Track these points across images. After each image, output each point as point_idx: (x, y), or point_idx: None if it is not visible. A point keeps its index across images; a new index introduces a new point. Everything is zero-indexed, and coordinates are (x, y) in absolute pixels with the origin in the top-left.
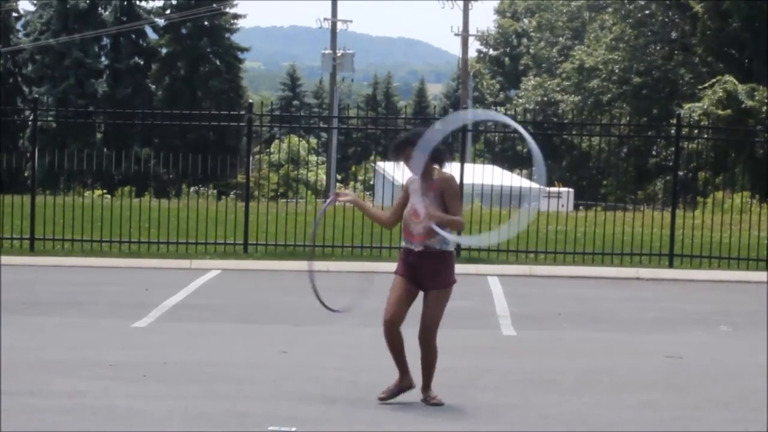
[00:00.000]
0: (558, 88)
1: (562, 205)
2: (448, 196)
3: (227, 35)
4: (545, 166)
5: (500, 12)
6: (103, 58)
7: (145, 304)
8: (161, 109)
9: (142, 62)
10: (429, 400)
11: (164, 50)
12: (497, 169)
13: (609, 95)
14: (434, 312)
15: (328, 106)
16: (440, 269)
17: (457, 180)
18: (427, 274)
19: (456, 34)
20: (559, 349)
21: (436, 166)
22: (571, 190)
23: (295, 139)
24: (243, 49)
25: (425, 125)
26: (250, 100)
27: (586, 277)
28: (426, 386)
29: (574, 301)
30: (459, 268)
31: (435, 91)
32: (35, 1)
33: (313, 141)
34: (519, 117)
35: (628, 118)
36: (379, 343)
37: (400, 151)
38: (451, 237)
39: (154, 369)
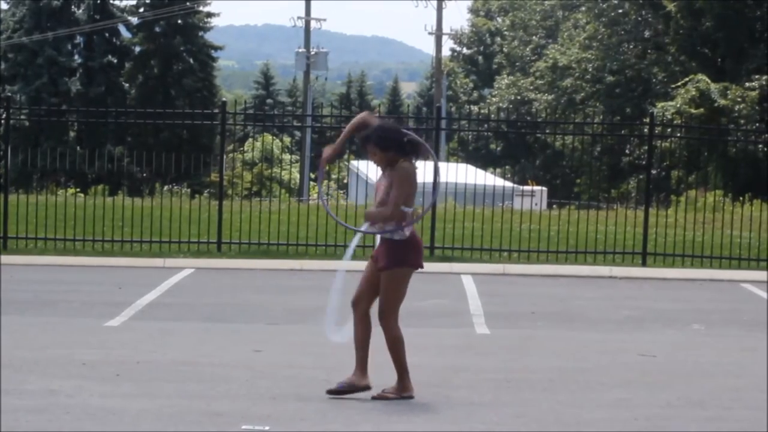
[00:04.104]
0: (531, 87)
1: (536, 204)
2: (393, 185)
3: (201, 34)
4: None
5: (474, 11)
6: (76, 57)
7: (118, 303)
8: (135, 107)
9: (115, 61)
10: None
11: (137, 49)
12: (470, 168)
13: (582, 94)
14: (383, 295)
15: (301, 105)
16: (388, 252)
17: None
18: (380, 255)
19: (430, 33)
20: (533, 348)
21: (399, 158)
22: (544, 188)
23: (268, 137)
24: (216, 48)
25: (399, 123)
26: (224, 99)
27: (559, 276)
28: (399, 379)
29: (547, 299)
30: (432, 266)
31: (409, 89)
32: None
33: (287, 139)
34: (493, 116)
35: (601, 117)
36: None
37: (364, 148)
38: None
39: (128, 368)
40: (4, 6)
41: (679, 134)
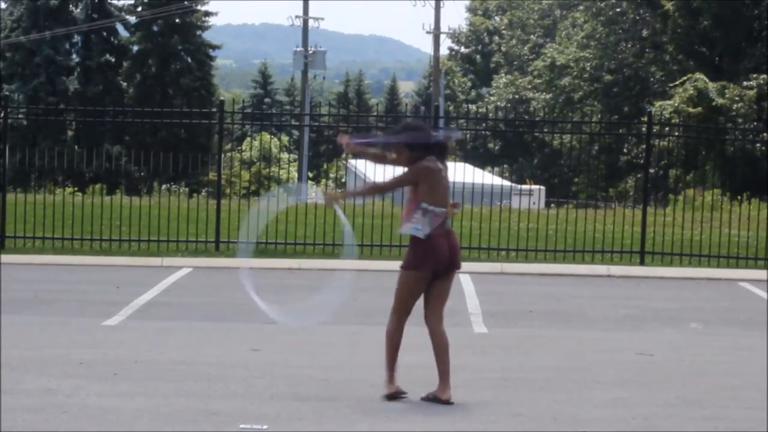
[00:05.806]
0: (529, 86)
1: (534, 203)
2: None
3: (198, 33)
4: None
5: (472, 10)
6: (74, 56)
7: (116, 302)
8: (132, 106)
9: (113, 60)
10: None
11: (135, 48)
12: (468, 167)
13: (580, 93)
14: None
15: (299, 104)
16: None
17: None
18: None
19: (427, 32)
20: (531, 347)
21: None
22: (542, 187)
23: (266, 136)
24: (214, 47)
25: (396, 121)
26: (222, 98)
27: (557, 275)
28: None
29: (545, 298)
30: None
31: (406, 88)
32: None
33: (285, 138)
34: (490, 114)
35: (599, 116)
36: (350, 341)
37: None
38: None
39: (125, 367)
40: (2, 5)
41: (676, 133)
